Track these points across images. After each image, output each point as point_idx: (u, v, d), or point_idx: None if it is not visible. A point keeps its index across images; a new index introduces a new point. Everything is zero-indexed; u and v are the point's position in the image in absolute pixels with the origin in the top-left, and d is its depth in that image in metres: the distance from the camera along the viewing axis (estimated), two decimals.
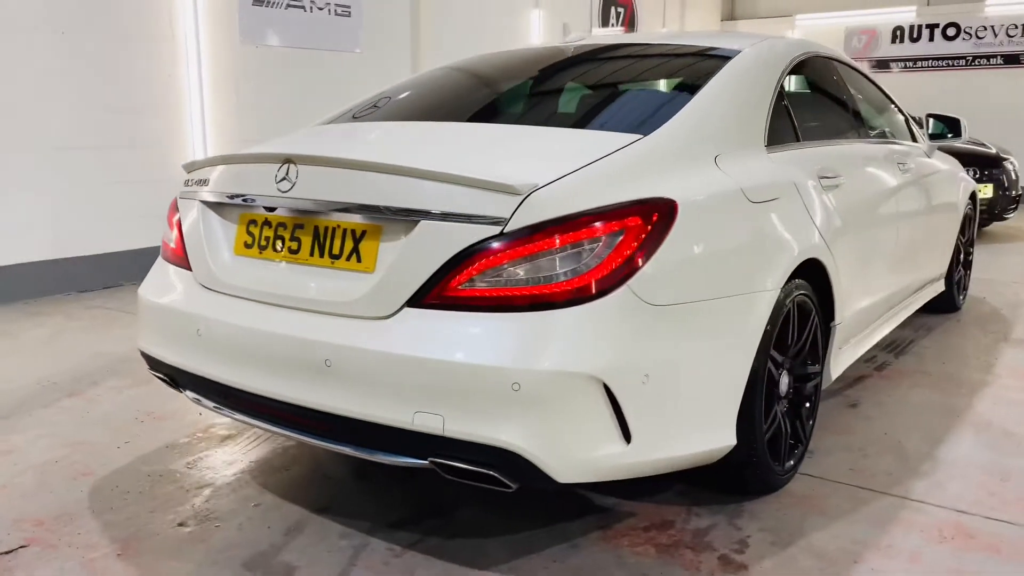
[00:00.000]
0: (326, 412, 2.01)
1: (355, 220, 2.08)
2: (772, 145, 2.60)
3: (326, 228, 2.13)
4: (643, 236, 1.96)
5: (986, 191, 7.53)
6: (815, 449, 2.88)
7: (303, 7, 6.78)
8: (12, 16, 5.04)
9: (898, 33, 11.68)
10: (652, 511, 2.45)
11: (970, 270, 5.10)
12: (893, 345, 4.20)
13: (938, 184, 4.16)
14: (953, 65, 11.38)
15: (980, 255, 7.06)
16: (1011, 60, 11.05)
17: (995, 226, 8.70)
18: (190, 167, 2.48)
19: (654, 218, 1.99)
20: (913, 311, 4.11)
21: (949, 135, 3.98)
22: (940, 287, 4.55)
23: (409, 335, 1.91)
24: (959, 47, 11.31)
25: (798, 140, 2.82)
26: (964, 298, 5.01)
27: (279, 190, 2.16)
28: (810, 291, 2.60)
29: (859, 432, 3.05)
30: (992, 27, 11.08)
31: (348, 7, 7.14)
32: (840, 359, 3.00)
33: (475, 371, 1.82)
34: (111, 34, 5.54)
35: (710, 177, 2.22)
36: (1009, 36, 10.98)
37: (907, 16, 11.58)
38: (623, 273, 1.91)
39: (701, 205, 2.13)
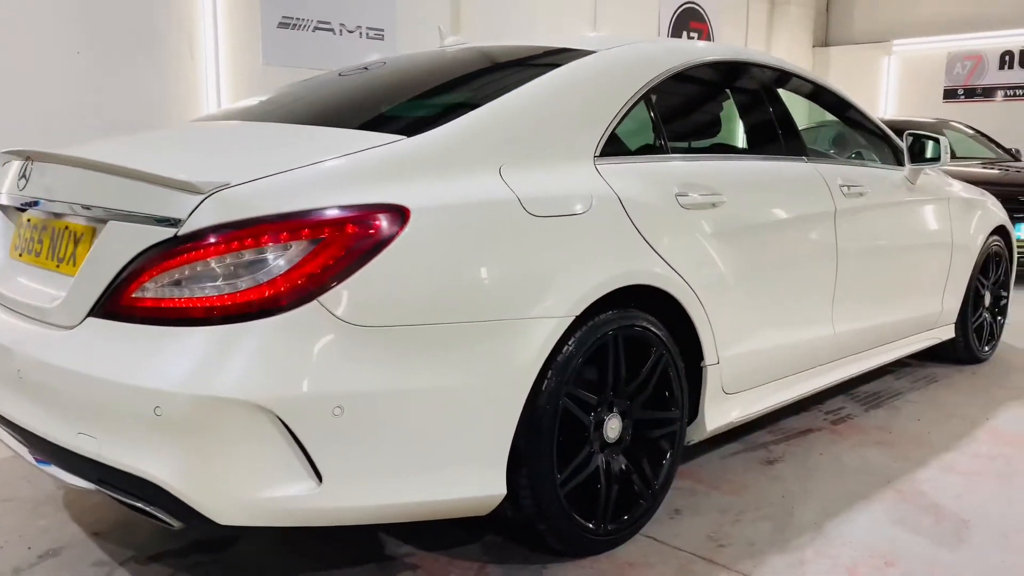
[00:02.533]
0: (19, 425, 1.86)
1: (77, 222, 1.93)
2: (610, 156, 2.28)
3: (58, 229, 1.99)
4: (352, 245, 1.70)
5: None
6: (684, 508, 2.49)
7: (332, 30, 6.84)
8: (26, 36, 5.28)
9: (1007, 59, 10.65)
10: (439, 565, 2.15)
11: (1004, 316, 4.44)
12: (872, 396, 3.67)
13: (928, 213, 3.62)
14: None
15: None
16: None
17: None
18: None
19: (374, 225, 1.73)
20: (892, 359, 3.58)
21: (932, 158, 3.44)
22: (945, 333, 3.96)
23: (80, 348, 1.74)
24: None
25: (663, 152, 2.47)
26: (992, 348, 4.36)
27: (18, 188, 2.05)
28: (655, 324, 2.25)
29: (752, 493, 2.62)
30: None
31: (381, 30, 7.16)
32: (730, 407, 2.59)
33: (121, 391, 1.63)
34: (127, 55, 5.73)
35: (479, 186, 1.94)
36: None
37: (1017, 40, 10.55)
38: (314, 286, 1.67)
39: (450, 215, 1.85)
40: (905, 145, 3.48)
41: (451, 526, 2.28)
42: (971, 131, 8.41)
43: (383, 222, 1.74)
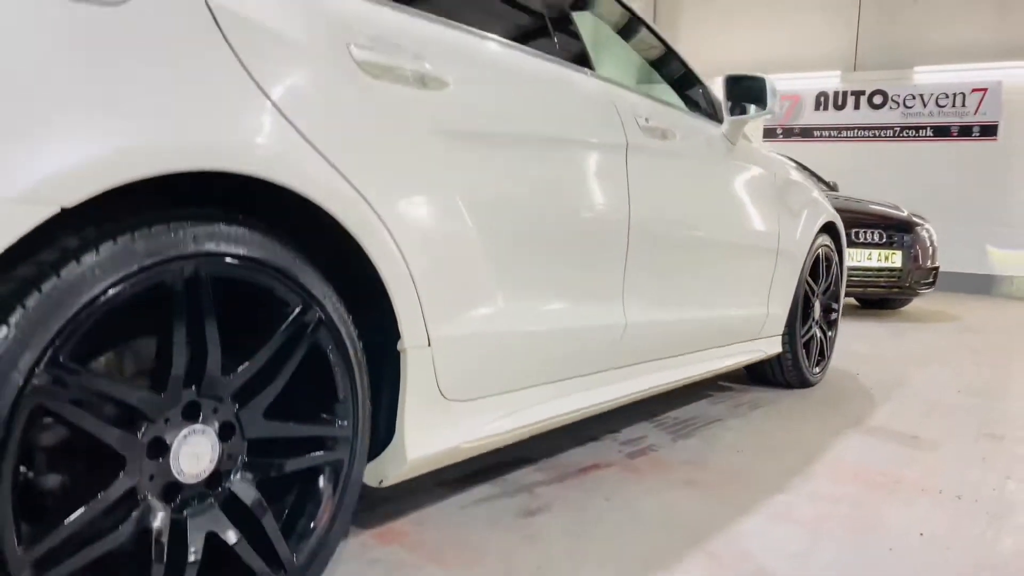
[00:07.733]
0: None
1: None
2: None
3: None
4: None
5: (894, 259, 6.30)
6: None
7: None
8: None
9: (822, 99, 10.68)
10: None
11: (834, 332, 3.76)
12: (683, 424, 2.81)
13: (751, 185, 2.86)
14: (880, 136, 10.34)
15: (878, 331, 5.83)
16: (941, 132, 10.02)
17: (911, 304, 7.47)
18: None
19: None
20: (706, 374, 2.74)
21: (754, 107, 2.67)
22: (772, 347, 3.20)
23: None
24: (887, 116, 10.29)
25: None
26: (823, 370, 3.65)
27: None
28: (297, 265, 1.24)
29: (492, 563, 1.63)
30: (921, 96, 10.08)
31: None
32: (453, 423, 1.60)
33: None
34: None
35: None
36: (939, 106, 9.98)
37: (832, 82, 10.60)
38: None
39: None
40: (724, 93, 2.68)
41: None
42: (792, 162, 8.22)
43: None
